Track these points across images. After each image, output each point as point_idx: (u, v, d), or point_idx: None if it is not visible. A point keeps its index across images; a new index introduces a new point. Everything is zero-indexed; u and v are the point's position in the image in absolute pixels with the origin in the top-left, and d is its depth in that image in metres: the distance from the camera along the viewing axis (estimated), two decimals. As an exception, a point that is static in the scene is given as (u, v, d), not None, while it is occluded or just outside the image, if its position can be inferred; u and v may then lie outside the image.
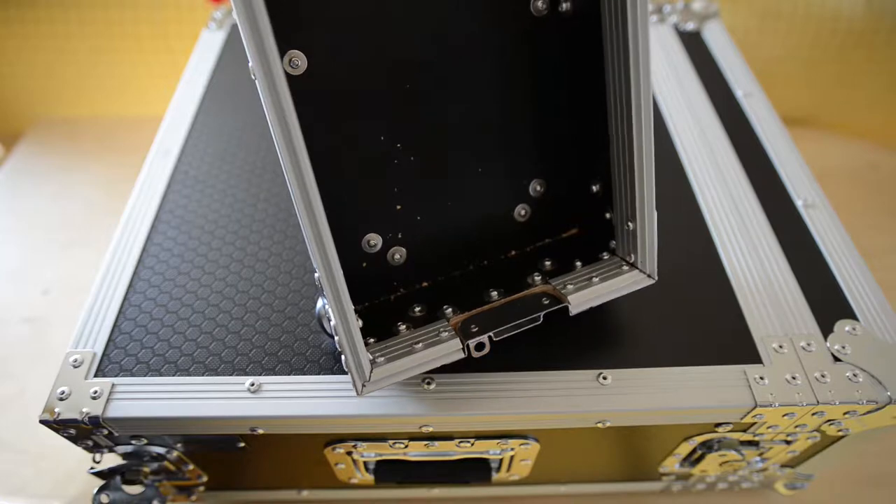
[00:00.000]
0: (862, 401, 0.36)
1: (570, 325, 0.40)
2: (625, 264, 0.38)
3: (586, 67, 0.36)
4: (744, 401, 0.37)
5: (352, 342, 0.30)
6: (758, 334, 0.40)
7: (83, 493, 0.54)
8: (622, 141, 0.35)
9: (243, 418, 0.36)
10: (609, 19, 0.33)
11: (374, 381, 0.31)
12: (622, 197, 0.37)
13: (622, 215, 0.37)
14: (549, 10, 0.35)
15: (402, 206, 0.36)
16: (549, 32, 0.36)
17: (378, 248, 0.36)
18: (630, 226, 0.37)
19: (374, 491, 0.52)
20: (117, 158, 0.83)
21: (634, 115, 0.33)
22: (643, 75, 0.32)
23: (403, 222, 0.36)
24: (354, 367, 0.31)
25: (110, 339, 0.40)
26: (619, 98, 0.34)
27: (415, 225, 0.37)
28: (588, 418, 0.37)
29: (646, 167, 0.34)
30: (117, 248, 0.45)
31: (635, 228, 0.36)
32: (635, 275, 0.36)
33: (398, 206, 0.36)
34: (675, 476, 0.50)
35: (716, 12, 0.67)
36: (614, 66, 0.34)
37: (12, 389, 0.61)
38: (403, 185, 0.36)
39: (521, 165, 0.38)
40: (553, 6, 0.36)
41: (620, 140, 0.35)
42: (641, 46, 0.31)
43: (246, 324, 0.40)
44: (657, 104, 0.56)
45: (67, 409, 0.36)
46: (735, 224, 0.46)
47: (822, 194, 0.48)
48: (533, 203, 0.40)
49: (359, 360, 0.31)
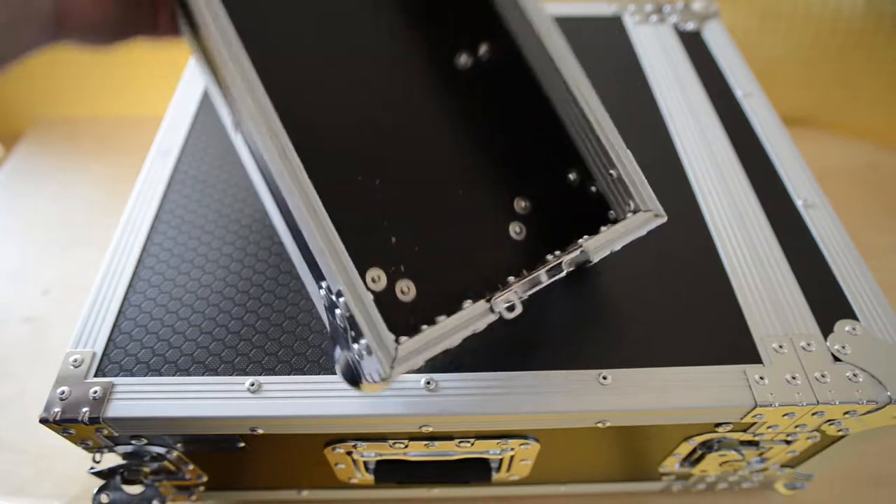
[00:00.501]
0: (862, 401, 0.36)
1: (570, 325, 0.40)
2: (629, 213, 0.37)
3: (519, 85, 0.40)
4: (744, 401, 0.37)
5: (370, 320, 0.28)
6: (758, 334, 0.40)
7: (83, 493, 0.54)
8: (569, 107, 0.38)
9: (243, 418, 0.36)
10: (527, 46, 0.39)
11: (402, 358, 0.27)
12: (593, 155, 0.37)
13: (602, 170, 0.37)
14: (472, 62, 0.42)
15: (397, 238, 0.36)
16: (480, 75, 0.42)
17: (384, 284, 0.35)
18: (613, 173, 0.36)
19: (374, 491, 0.52)
20: (117, 158, 0.83)
21: (563, 73, 0.37)
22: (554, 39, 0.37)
23: (402, 254, 0.36)
24: (378, 345, 0.27)
25: (110, 339, 0.40)
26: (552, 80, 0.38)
27: (415, 256, 0.36)
28: (588, 418, 0.37)
29: (596, 111, 0.36)
30: (117, 248, 0.45)
31: (619, 173, 0.36)
32: (641, 216, 0.35)
33: (392, 239, 0.36)
34: (675, 476, 0.50)
35: (716, 12, 0.67)
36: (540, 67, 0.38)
37: (12, 389, 0.61)
38: (391, 218, 0.36)
39: (498, 186, 0.40)
40: (475, 59, 0.42)
41: (568, 109, 0.38)
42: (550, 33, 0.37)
43: (246, 324, 0.40)
44: (657, 104, 0.56)
45: (67, 409, 0.36)
46: (735, 224, 0.46)
47: (822, 194, 0.48)
48: (524, 220, 0.40)
49: (380, 338, 0.27)
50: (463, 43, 0.42)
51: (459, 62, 0.42)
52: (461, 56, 0.42)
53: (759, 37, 0.80)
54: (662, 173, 0.50)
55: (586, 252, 0.32)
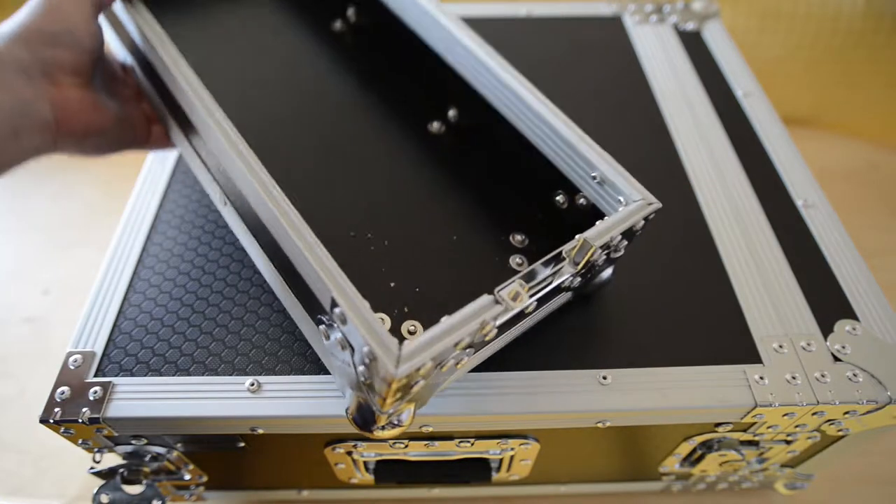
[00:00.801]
0: (862, 401, 0.36)
1: (570, 325, 0.40)
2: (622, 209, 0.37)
3: (491, 129, 0.42)
4: (744, 401, 0.37)
5: (367, 324, 0.27)
6: (758, 334, 0.40)
7: (83, 493, 0.54)
8: (539, 128, 0.39)
9: (243, 418, 0.36)
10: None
11: (408, 354, 0.26)
12: (573, 165, 0.38)
13: (585, 177, 0.37)
14: (445, 128, 0.46)
15: (396, 283, 0.37)
16: (454, 134, 0.46)
17: (388, 326, 0.36)
18: (595, 175, 0.36)
19: (374, 491, 0.52)
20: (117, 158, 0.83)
21: (525, 99, 0.39)
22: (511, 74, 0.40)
23: (404, 297, 0.37)
24: (378, 345, 0.26)
25: (110, 339, 0.40)
26: (517, 111, 0.40)
27: (417, 297, 0.37)
28: (588, 418, 0.37)
29: (564, 122, 0.37)
30: (117, 248, 0.45)
31: (600, 174, 0.36)
32: (633, 206, 0.34)
33: (392, 284, 0.37)
34: (675, 476, 0.50)
35: (716, 12, 0.67)
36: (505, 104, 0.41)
37: (12, 389, 0.61)
38: (387, 265, 0.38)
39: (491, 227, 0.42)
40: (445, 125, 0.46)
41: (538, 131, 0.39)
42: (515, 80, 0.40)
43: (246, 324, 0.40)
44: (657, 104, 0.56)
45: (67, 410, 0.36)
46: (735, 224, 0.46)
47: (822, 194, 0.48)
48: (523, 252, 0.41)
49: (380, 339, 0.26)
50: (431, 114, 0.47)
51: (433, 129, 0.46)
52: (433, 124, 0.47)
53: (759, 37, 0.80)
54: (662, 173, 0.50)
55: (587, 241, 0.31)
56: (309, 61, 0.48)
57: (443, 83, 0.44)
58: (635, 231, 0.34)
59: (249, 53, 0.48)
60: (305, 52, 0.49)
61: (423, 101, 0.47)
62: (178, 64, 0.34)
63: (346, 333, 0.29)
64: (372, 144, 0.44)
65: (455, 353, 0.29)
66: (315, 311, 0.32)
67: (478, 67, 0.41)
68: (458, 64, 0.43)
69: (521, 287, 0.29)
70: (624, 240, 0.35)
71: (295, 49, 0.49)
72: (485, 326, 0.28)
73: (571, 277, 0.33)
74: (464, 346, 0.29)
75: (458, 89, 0.43)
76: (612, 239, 0.32)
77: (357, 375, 0.29)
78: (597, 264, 0.35)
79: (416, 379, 0.28)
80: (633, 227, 0.33)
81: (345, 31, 0.51)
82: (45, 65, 0.33)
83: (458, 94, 0.44)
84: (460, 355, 0.30)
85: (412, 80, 0.48)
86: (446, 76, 0.44)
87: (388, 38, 0.49)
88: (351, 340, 0.28)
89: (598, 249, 0.32)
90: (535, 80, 0.41)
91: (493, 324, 0.29)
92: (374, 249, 0.39)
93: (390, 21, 0.47)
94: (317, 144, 0.43)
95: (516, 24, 0.65)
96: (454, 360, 0.30)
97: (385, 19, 0.47)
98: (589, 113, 0.54)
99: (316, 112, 0.45)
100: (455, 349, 0.28)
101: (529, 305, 0.32)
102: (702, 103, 0.56)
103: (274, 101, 0.45)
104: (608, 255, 0.35)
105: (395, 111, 0.47)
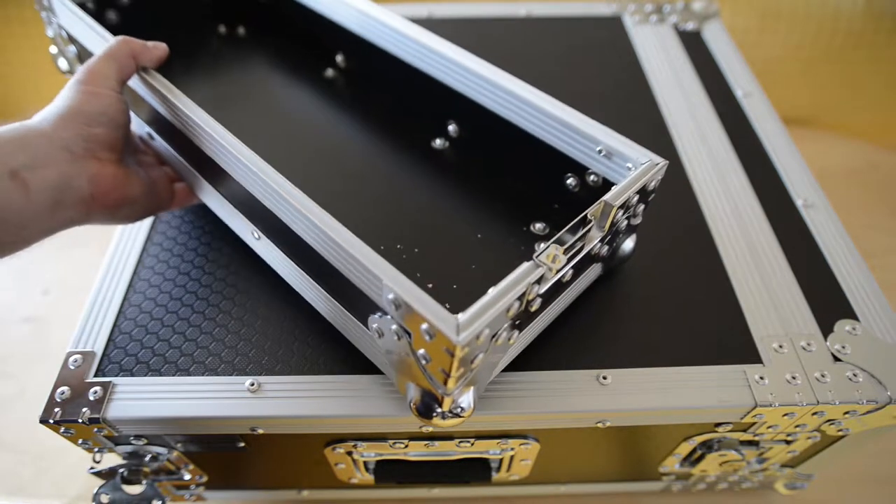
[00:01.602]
0: (862, 401, 0.36)
1: (571, 325, 0.40)
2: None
3: (493, 131, 0.44)
4: (744, 401, 0.37)
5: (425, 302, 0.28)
6: (758, 334, 0.40)
7: (83, 493, 0.54)
8: (537, 119, 0.40)
9: (243, 418, 0.36)
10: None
11: (466, 322, 0.27)
12: (576, 145, 0.39)
13: (590, 154, 0.38)
14: (448, 142, 0.49)
15: (434, 283, 0.39)
16: (458, 146, 0.48)
17: None
18: (600, 150, 0.37)
19: (374, 491, 0.52)
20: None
21: (520, 95, 0.40)
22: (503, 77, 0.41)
23: (443, 295, 0.38)
24: (437, 318, 0.27)
25: (110, 339, 0.40)
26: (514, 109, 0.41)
27: (455, 292, 0.39)
28: (588, 418, 0.37)
29: (559, 106, 0.39)
30: (117, 248, 0.45)
31: (604, 147, 0.37)
32: (643, 167, 0.35)
33: (429, 285, 0.39)
34: (675, 476, 0.50)
35: (716, 12, 0.67)
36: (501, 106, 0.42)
37: (12, 389, 0.61)
38: (422, 270, 0.40)
39: (510, 221, 0.43)
40: (448, 140, 0.49)
41: (537, 122, 0.40)
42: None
43: (246, 324, 0.40)
44: (657, 104, 0.56)
45: (67, 409, 0.36)
46: (735, 224, 0.46)
47: (822, 194, 0.48)
48: (546, 238, 0.42)
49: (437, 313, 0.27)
50: (432, 132, 0.49)
51: (436, 145, 0.49)
52: (435, 141, 0.49)
53: (759, 37, 0.80)
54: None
55: (608, 203, 0.33)
56: (309, 109, 0.52)
57: (437, 100, 0.46)
58: (649, 191, 0.36)
59: (255, 109, 0.52)
60: (304, 100, 0.53)
61: (421, 121, 0.49)
62: (208, 123, 0.37)
63: (401, 321, 0.30)
64: (383, 171, 0.47)
65: (507, 325, 0.30)
66: (367, 312, 0.33)
67: (464, 74, 0.43)
68: (445, 76, 0.44)
69: (557, 250, 0.30)
70: (641, 203, 0.36)
71: (293, 99, 0.53)
72: (530, 291, 0.30)
73: (599, 244, 0.35)
74: (513, 316, 0.30)
75: (451, 102, 0.45)
76: (629, 199, 0.34)
77: (418, 360, 0.30)
78: (620, 229, 0.36)
79: (476, 351, 0.29)
80: (647, 186, 0.35)
81: (336, 77, 0.55)
82: (86, 142, 0.36)
83: (453, 106, 0.45)
84: (511, 330, 0.31)
85: (408, 105, 0.51)
86: (439, 92, 0.45)
87: (377, 73, 0.51)
88: (407, 326, 0.30)
89: (619, 210, 0.34)
90: (535, 81, 0.41)
91: (537, 290, 0.31)
92: (406, 258, 0.41)
93: (374, 55, 0.49)
94: (334, 177, 0.46)
95: (516, 24, 0.65)
96: (506, 335, 0.31)
97: (368, 53, 0.50)
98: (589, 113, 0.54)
99: (328, 152, 0.48)
100: (507, 317, 0.29)
101: (567, 273, 0.34)
102: (702, 103, 0.56)
103: (285, 148, 0.49)
104: (628, 220, 0.36)
105: (399, 136, 0.49)
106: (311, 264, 0.36)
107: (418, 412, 0.33)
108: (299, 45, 0.57)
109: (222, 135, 0.36)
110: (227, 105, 0.52)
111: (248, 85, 0.54)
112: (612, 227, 0.35)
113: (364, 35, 0.49)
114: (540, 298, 0.32)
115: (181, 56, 0.55)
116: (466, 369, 0.30)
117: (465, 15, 0.66)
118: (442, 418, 0.32)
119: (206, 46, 0.57)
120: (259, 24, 0.60)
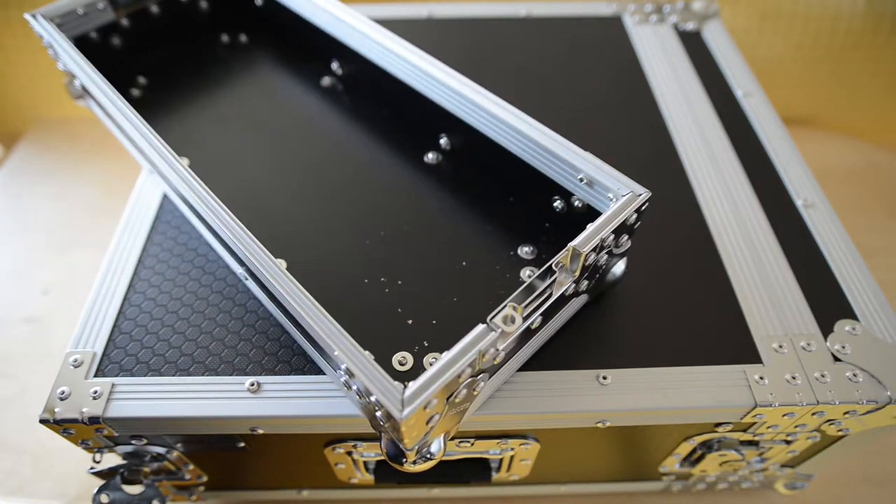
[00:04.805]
0: (862, 401, 0.36)
1: (570, 325, 0.40)
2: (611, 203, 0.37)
3: (481, 152, 0.44)
4: (744, 401, 0.37)
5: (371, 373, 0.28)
6: (758, 334, 0.40)
7: (83, 493, 0.54)
8: (522, 144, 0.40)
9: (243, 418, 0.36)
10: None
11: (411, 396, 0.27)
12: (559, 171, 0.39)
13: (573, 180, 0.38)
14: (440, 157, 0.48)
15: (413, 320, 0.39)
16: (449, 162, 0.48)
17: (411, 363, 0.37)
18: (582, 178, 0.37)
19: (374, 491, 0.52)
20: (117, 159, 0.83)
21: (506, 121, 0.40)
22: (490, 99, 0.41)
23: (422, 332, 0.38)
24: (382, 392, 0.27)
25: (110, 339, 0.40)
26: (501, 131, 0.42)
27: (435, 329, 0.38)
28: (588, 418, 0.37)
29: (543, 131, 0.39)
30: (117, 248, 0.45)
31: (585, 175, 0.37)
32: (621, 201, 0.34)
33: (409, 322, 0.38)
34: (675, 476, 0.50)
35: (716, 12, 0.67)
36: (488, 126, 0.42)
37: (12, 389, 0.61)
38: (403, 305, 0.39)
39: (497, 246, 0.43)
40: (440, 153, 0.48)
41: (523, 147, 0.41)
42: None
43: (246, 324, 0.40)
44: (657, 104, 0.56)
45: (67, 409, 0.36)
46: (735, 224, 0.46)
47: (822, 194, 0.48)
48: (533, 263, 0.41)
49: (384, 384, 0.28)
50: (424, 146, 0.49)
51: (428, 159, 0.48)
52: (428, 155, 0.49)
53: (759, 37, 0.80)
54: (662, 173, 0.50)
55: (576, 248, 0.31)
56: (301, 122, 0.52)
57: (429, 115, 0.46)
58: (630, 225, 0.34)
59: (250, 121, 0.52)
60: (300, 109, 0.53)
61: (413, 135, 0.49)
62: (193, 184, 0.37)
63: (359, 385, 0.30)
64: (375, 189, 0.47)
65: (465, 383, 0.29)
66: (335, 367, 0.33)
67: (452, 94, 0.43)
68: (434, 95, 0.45)
69: (513, 310, 0.29)
70: (624, 235, 0.35)
71: (289, 109, 0.53)
72: (485, 355, 0.28)
73: (574, 284, 0.33)
74: (469, 377, 0.29)
75: (442, 118, 0.45)
76: (603, 240, 0.32)
77: (377, 419, 0.30)
78: (598, 265, 0.35)
79: (430, 416, 0.28)
80: (627, 220, 0.33)
81: (334, 85, 0.55)
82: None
83: (444, 122, 0.46)
84: (474, 383, 0.30)
85: (401, 118, 0.51)
86: (430, 108, 0.46)
87: (370, 86, 0.52)
88: (362, 390, 0.30)
89: (590, 254, 0.32)
90: (535, 81, 0.41)
91: (495, 350, 0.29)
92: (389, 291, 0.40)
93: (367, 68, 0.50)
94: (324, 196, 0.46)
95: (516, 24, 0.65)
96: (467, 392, 0.30)
97: (362, 66, 0.50)
98: (589, 113, 0.54)
99: (318, 170, 0.48)
100: (458, 383, 0.28)
101: (535, 321, 0.32)
102: (702, 103, 0.56)
103: (267, 168, 0.49)
104: (609, 252, 0.35)
105: (391, 150, 0.49)
106: (288, 315, 0.36)
107: (388, 457, 0.32)
108: (298, 54, 0.57)
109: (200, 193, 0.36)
110: (220, 122, 0.52)
111: (240, 98, 0.54)
112: (585, 270, 0.33)
113: (358, 49, 0.49)
114: (503, 353, 0.31)
115: (183, 68, 0.56)
116: (425, 431, 0.29)
117: (465, 15, 0.66)
118: (413, 464, 0.32)
119: (205, 56, 0.58)
120: (258, 32, 0.60)
